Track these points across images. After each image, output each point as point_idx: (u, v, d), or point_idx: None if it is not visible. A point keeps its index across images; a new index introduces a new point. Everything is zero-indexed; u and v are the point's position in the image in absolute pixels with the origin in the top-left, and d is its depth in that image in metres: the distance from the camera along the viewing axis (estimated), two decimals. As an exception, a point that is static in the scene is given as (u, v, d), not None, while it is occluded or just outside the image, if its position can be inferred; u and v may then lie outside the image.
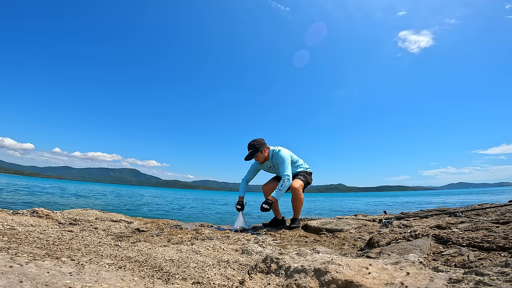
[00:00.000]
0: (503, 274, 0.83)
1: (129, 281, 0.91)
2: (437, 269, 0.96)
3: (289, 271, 1.04)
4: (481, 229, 1.88)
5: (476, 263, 1.24)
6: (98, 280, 0.84)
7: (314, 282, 0.93)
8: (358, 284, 0.84)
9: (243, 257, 1.29)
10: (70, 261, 1.02)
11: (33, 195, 10.11)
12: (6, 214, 1.94)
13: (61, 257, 1.07)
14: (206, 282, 1.01)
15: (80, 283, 0.79)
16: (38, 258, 0.98)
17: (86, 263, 1.03)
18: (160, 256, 1.33)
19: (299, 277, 0.98)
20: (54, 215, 2.20)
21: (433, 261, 1.41)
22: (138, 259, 1.23)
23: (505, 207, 2.93)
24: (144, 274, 1.03)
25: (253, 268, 1.17)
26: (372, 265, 0.98)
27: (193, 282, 1.00)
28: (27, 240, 1.36)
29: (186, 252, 1.44)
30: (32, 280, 0.76)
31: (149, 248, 1.44)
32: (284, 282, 0.99)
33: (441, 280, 0.83)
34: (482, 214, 2.74)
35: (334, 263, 1.01)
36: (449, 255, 1.44)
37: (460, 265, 1.27)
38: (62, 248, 1.27)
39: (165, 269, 1.11)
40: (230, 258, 1.26)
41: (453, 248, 1.53)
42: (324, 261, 1.06)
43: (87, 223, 2.18)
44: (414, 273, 0.90)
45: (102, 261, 1.11)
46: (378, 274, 0.90)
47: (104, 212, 2.80)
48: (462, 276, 0.85)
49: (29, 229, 1.65)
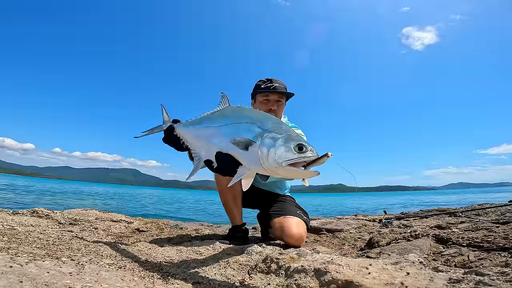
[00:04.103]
0: (503, 274, 0.83)
1: (129, 281, 0.91)
2: (437, 269, 0.96)
3: (289, 271, 1.04)
4: (481, 229, 1.88)
5: (476, 263, 1.25)
6: (98, 280, 0.84)
7: (314, 282, 0.93)
8: (358, 284, 0.84)
9: (243, 257, 1.29)
10: (70, 261, 1.02)
11: (33, 195, 10.11)
12: (6, 214, 1.94)
13: (61, 257, 1.07)
14: (206, 282, 1.01)
15: (80, 283, 0.79)
16: (38, 258, 0.98)
17: (86, 263, 1.03)
18: (160, 256, 1.33)
19: (299, 277, 0.98)
20: (54, 215, 2.20)
21: (433, 261, 1.41)
22: (138, 259, 1.23)
23: (505, 207, 2.93)
24: (144, 274, 1.03)
25: (253, 268, 1.17)
26: (372, 265, 0.98)
27: (193, 282, 1.00)
28: (27, 240, 1.36)
29: (186, 252, 1.44)
30: (32, 280, 0.76)
31: (149, 248, 1.44)
32: (284, 282, 0.99)
33: (441, 280, 0.83)
34: (482, 214, 2.74)
35: (334, 263, 1.01)
36: (449, 255, 1.44)
37: (460, 265, 1.27)
38: (62, 248, 1.27)
39: (165, 269, 1.11)
40: (230, 258, 1.26)
41: (453, 248, 1.53)
42: (324, 261, 1.06)
43: (87, 223, 2.18)
44: (414, 273, 0.90)
45: (102, 261, 1.11)
46: (378, 274, 0.90)
47: (104, 212, 2.80)
48: (462, 276, 0.85)
49: (29, 229, 1.65)
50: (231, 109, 1.25)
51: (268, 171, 1.00)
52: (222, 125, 1.19)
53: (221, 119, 1.22)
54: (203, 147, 1.28)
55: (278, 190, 2.12)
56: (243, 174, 1.07)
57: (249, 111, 1.19)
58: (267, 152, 0.96)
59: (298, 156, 0.93)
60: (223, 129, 1.17)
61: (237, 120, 1.14)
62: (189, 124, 1.40)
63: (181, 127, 1.42)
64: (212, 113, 1.30)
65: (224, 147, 1.14)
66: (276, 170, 0.97)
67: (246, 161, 1.06)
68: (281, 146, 0.96)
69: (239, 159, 1.09)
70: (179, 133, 1.42)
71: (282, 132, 1.00)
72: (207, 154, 1.25)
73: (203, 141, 1.28)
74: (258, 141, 1.01)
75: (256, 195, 2.07)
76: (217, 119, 1.25)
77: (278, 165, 0.94)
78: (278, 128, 1.03)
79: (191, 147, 1.36)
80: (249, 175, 1.09)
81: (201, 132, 1.29)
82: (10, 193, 10.38)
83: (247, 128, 1.07)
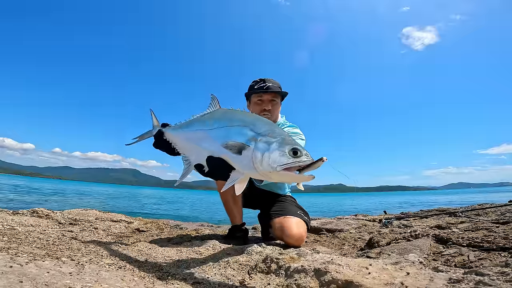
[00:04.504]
0: (503, 274, 0.83)
1: (129, 281, 0.91)
2: (437, 269, 0.96)
3: (289, 271, 1.04)
4: (481, 229, 1.88)
5: (476, 263, 1.25)
6: (98, 280, 0.84)
7: (314, 282, 0.93)
8: (358, 284, 0.84)
9: (243, 257, 1.29)
10: (70, 261, 1.02)
11: (33, 195, 10.11)
12: (6, 214, 1.94)
13: (61, 257, 1.07)
14: (206, 282, 1.01)
15: (80, 283, 0.79)
16: (38, 258, 0.98)
17: (86, 263, 1.03)
18: (160, 256, 1.33)
19: (299, 277, 0.98)
20: (54, 215, 2.20)
21: (433, 261, 1.41)
22: (138, 259, 1.24)
23: (505, 207, 2.93)
24: (144, 274, 1.03)
25: (253, 268, 1.17)
26: (372, 265, 0.98)
27: (193, 282, 1.00)
28: (27, 240, 1.36)
29: (186, 252, 1.44)
30: (32, 280, 0.76)
31: (149, 248, 1.44)
32: (284, 282, 0.99)
33: (441, 280, 0.83)
34: (482, 214, 2.74)
35: (334, 263, 1.01)
36: (449, 255, 1.44)
37: (460, 265, 1.27)
38: (62, 248, 1.27)
39: (165, 269, 1.11)
40: (230, 258, 1.26)
41: (453, 248, 1.53)
42: (324, 261, 1.06)
43: (87, 223, 2.18)
44: (414, 273, 0.90)
45: (102, 261, 1.11)
46: (378, 274, 0.90)
47: (104, 212, 2.80)
48: (462, 276, 0.85)
49: (29, 229, 1.65)
50: (222, 112, 1.22)
51: (262, 175, 0.98)
52: (213, 129, 1.16)
53: (211, 122, 1.19)
54: (193, 150, 1.25)
55: (278, 190, 2.12)
56: (236, 179, 1.05)
57: (241, 114, 1.16)
58: (261, 157, 0.95)
59: (293, 161, 0.92)
60: (214, 133, 1.14)
61: (229, 123, 1.11)
62: (178, 127, 1.36)
63: (170, 130, 1.39)
64: (202, 116, 1.27)
65: (215, 150, 1.11)
66: (271, 174, 0.96)
67: (240, 165, 1.04)
68: (275, 150, 0.94)
69: (232, 163, 1.07)
70: (169, 137, 1.38)
71: (276, 136, 0.98)
72: (197, 158, 1.22)
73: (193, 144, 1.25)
74: (251, 145, 0.99)
75: (256, 195, 2.07)
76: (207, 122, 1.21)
77: (272, 170, 0.93)
78: (272, 131, 1.01)
79: (181, 151, 1.32)
80: (243, 179, 1.07)
81: (191, 135, 1.26)
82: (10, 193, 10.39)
83: (239, 132, 1.05)
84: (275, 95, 1.93)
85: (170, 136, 1.38)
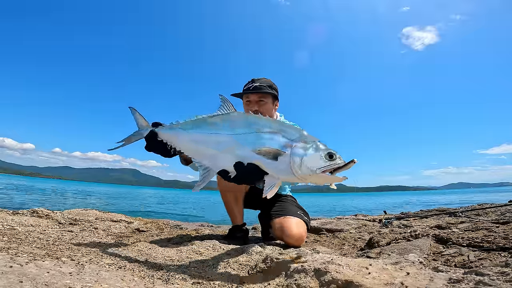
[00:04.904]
0: (503, 274, 0.83)
1: (129, 281, 0.91)
2: (437, 269, 0.96)
3: (289, 271, 1.04)
4: (481, 229, 1.88)
5: (476, 263, 1.25)
6: (98, 280, 0.84)
7: (314, 282, 0.93)
8: (358, 284, 0.84)
9: (243, 257, 1.29)
10: (70, 261, 1.02)
11: (33, 195, 10.11)
12: (6, 214, 1.94)
13: (61, 257, 1.07)
14: (206, 282, 1.01)
15: (80, 283, 0.79)
16: (38, 258, 0.98)
17: (86, 263, 1.03)
18: (160, 256, 1.33)
19: (299, 277, 0.98)
20: (54, 215, 2.20)
21: (433, 261, 1.41)
22: (138, 259, 1.23)
23: (505, 207, 2.93)
24: (144, 274, 1.03)
25: (253, 268, 1.17)
26: (372, 265, 0.98)
27: (193, 282, 1.00)
28: (27, 240, 1.36)
29: (186, 252, 1.44)
30: (32, 280, 0.76)
31: (149, 248, 1.44)
32: (284, 282, 0.99)
33: (441, 280, 0.83)
34: (482, 214, 2.74)
35: (334, 263, 1.01)
36: (449, 255, 1.44)
37: (460, 265, 1.27)
38: (62, 248, 1.27)
39: (165, 269, 1.11)
40: (230, 258, 1.26)
41: (453, 248, 1.53)
42: (324, 261, 1.06)
43: (87, 223, 2.18)
44: (414, 273, 0.90)
45: (102, 261, 1.11)
46: (378, 274, 0.90)
47: (104, 212, 2.80)
48: (462, 276, 0.85)
49: (29, 229, 1.65)
50: (244, 116, 1.19)
51: (300, 179, 1.05)
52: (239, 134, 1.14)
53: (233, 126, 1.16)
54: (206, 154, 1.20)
55: (279, 190, 2.12)
56: (274, 184, 1.10)
57: (266, 120, 1.15)
58: (300, 161, 1.03)
59: (330, 163, 1.02)
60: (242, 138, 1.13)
61: (258, 129, 1.12)
62: (177, 127, 1.29)
63: (167, 131, 1.31)
64: (212, 117, 1.22)
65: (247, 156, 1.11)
66: (310, 177, 1.04)
67: (275, 170, 1.08)
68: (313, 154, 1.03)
69: (266, 169, 1.10)
70: (165, 137, 1.30)
71: (310, 142, 1.06)
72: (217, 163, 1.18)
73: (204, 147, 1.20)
74: (287, 151, 1.05)
75: (257, 196, 2.07)
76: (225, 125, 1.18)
77: (312, 173, 1.02)
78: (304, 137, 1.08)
79: (187, 153, 1.27)
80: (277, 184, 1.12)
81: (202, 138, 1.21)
82: (10, 193, 10.39)
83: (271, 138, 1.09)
84: (263, 95, 1.89)
85: (167, 137, 1.30)
